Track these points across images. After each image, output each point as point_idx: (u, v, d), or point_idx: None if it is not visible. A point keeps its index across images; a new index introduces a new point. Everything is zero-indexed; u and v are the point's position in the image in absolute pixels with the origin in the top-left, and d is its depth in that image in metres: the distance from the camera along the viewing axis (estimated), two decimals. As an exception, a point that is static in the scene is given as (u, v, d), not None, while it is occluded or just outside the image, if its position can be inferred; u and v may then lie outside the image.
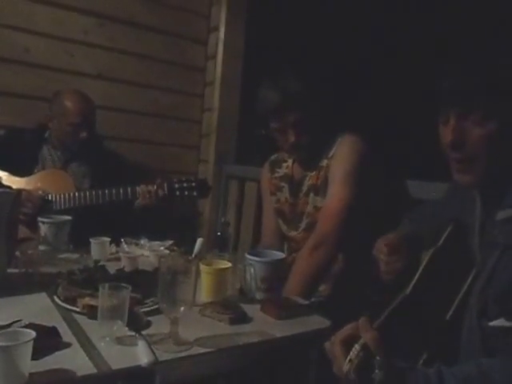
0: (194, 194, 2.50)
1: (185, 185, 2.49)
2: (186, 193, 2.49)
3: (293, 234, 2.38)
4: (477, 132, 1.21)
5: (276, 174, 2.49)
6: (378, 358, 1.07)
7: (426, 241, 1.47)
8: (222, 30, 3.52)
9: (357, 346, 1.10)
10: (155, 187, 2.47)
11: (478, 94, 1.21)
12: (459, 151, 1.25)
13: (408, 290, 1.33)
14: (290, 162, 2.45)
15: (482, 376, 1.06)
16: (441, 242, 1.42)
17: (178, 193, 2.49)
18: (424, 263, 1.38)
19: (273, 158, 2.57)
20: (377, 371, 1.07)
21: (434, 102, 1.30)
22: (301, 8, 3.97)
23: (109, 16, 3.29)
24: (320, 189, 2.24)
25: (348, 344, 1.12)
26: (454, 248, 1.42)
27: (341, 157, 2.18)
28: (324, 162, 2.23)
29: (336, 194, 2.12)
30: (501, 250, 1.16)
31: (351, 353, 1.09)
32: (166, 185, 2.48)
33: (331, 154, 2.22)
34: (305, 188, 2.32)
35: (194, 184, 2.50)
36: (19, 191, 1.82)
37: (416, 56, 4.09)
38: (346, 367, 1.09)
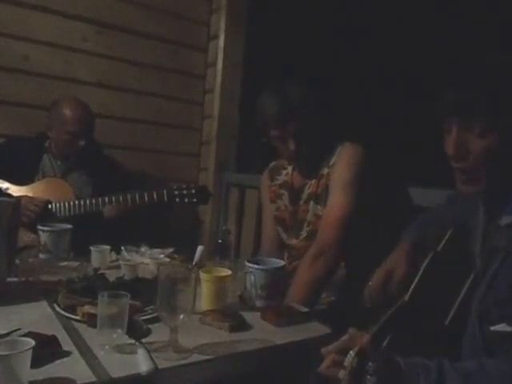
0: (194, 200, 2.50)
1: (184, 192, 2.49)
2: (186, 200, 2.49)
3: (293, 242, 2.38)
4: (479, 144, 1.22)
5: (276, 182, 2.49)
6: (370, 363, 1.08)
7: (427, 246, 1.47)
8: (222, 38, 3.53)
9: (351, 353, 1.11)
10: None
11: (480, 106, 1.21)
12: (461, 161, 1.25)
13: (406, 297, 1.33)
14: (289, 169, 2.45)
15: (484, 373, 1.06)
16: (439, 248, 1.43)
17: (177, 200, 2.49)
18: (422, 269, 1.39)
19: (272, 165, 2.57)
20: (369, 377, 1.07)
21: (437, 112, 1.31)
22: (301, 16, 3.98)
23: (108, 24, 3.30)
24: (320, 197, 2.24)
25: (343, 352, 1.13)
26: (453, 253, 1.42)
27: (341, 165, 2.18)
28: (325, 171, 2.23)
29: (337, 203, 2.12)
30: (503, 255, 1.17)
31: (346, 359, 1.10)
32: (165, 192, 2.48)
33: (332, 162, 2.22)
34: (305, 196, 2.32)
35: (193, 191, 2.50)
36: (18, 200, 1.82)
37: (418, 64, 4.10)
38: (340, 374, 1.09)
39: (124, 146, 3.42)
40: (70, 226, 2.24)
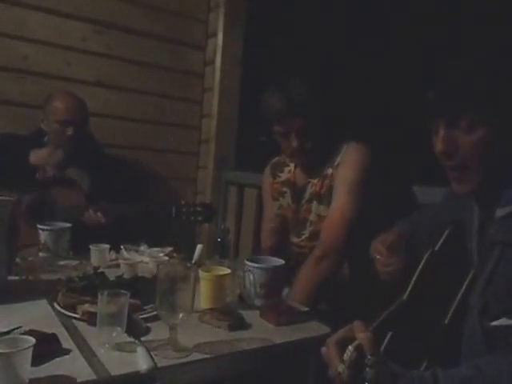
0: (199, 219, 2.51)
1: (191, 209, 2.50)
2: (192, 218, 2.50)
3: (295, 240, 2.38)
4: (466, 139, 1.23)
5: (278, 179, 2.49)
6: (369, 356, 1.08)
7: (424, 243, 1.47)
8: (220, 35, 3.53)
9: (350, 348, 1.11)
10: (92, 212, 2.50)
11: (465, 102, 1.23)
12: (452, 159, 1.26)
13: (405, 296, 1.34)
14: (291, 166, 2.45)
15: (480, 374, 1.06)
16: (437, 246, 1.43)
17: (184, 217, 2.50)
18: (420, 268, 1.39)
19: (274, 161, 2.57)
20: (368, 369, 1.08)
21: (423, 112, 1.32)
22: (300, 14, 3.98)
23: (107, 23, 3.30)
24: (324, 197, 2.24)
25: (342, 346, 1.14)
26: (452, 251, 1.43)
27: (346, 166, 2.18)
28: (329, 171, 2.24)
29: (341, 204, 2.12)
30: (501, 248, 1.16)
31: (345, 354, 1.11)
32: (174, 209, 2.49)
33: (336, 162, 2.22)
34: (307, 195, 2.32)
35: (199, 209, 2.51)
36: (18, 199, 1.82)
37: (419, 61, 4.10)
38: (339, 368, 1.10)
39: (123, 144, 3.41)
40: (69, 225, 2.25)
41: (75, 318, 1.49)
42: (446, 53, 3.53)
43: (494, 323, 1.15)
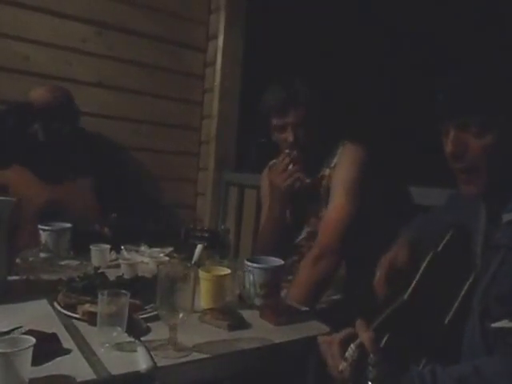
0: (205, 244, 2.52)
1: (198, 234, 2.51)
2: (197, 242, 2.51)
3: (294, 240, 2.38)
4: (476, 143, 1.24)
5: (276, 180, 2.48)
6: (371, 355, 1.09)
7: (427, 246, 1.47)
8: (221, 37, 3.54)
9: (352, 346, 1.12)
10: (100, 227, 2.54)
11: (476, 106, 1.23)
12: (461, 161, 1.27)
13: (406, 295, 1.34)
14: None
15: (477, 374, 1.07)
16: (440, 247, 1.43)
17: (190, 240, 2.51)
18: (422, 268, 1.39)
19: (272, 163, 2.57)
20: (370, 368, 1.08)
21: (434, 113, 1.32)
22: (300, 15, 3.99)
23: (107, 24, 3.30)
24: (321, 198, 2.25)
25: (345, 345, 1.14)
26: (454, 253, 1.43)
27: (343, 167, 2.19)
28: (326, 172, 2.25)
29: (338, 205, 2.12)
30: (504, 252, 1.17)
31: (347, 352, 1.11)
32: (183, 231, 2.50)
33: (333, 163, 2.23)
34: (304, 196, 2.33)
35: (207, 235, 2.52)
36: (19, 199, 1.82)
37: (419, 60, 4.10)
38: (341, 366, 1.10)
39: (123, 145, 3.42)
40: (69, 225, 2.25)
41: (75, 318, 1.49)
42: (446, 53, 3.54)
43: (494, 325, 1.15)
